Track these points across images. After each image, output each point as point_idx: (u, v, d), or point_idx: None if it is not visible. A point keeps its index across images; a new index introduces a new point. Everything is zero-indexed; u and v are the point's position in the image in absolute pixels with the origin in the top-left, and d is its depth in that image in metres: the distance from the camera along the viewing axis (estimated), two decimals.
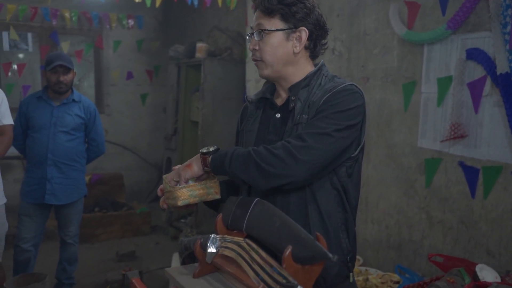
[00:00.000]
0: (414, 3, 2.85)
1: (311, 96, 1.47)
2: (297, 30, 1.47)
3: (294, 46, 1.49)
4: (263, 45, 1.49)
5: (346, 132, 1.37)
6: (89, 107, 3.40)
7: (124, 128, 6.34)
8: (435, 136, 2.78)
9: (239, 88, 4.50)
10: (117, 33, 6.11)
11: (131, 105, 6.37)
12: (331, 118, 1.36)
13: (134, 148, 6.46)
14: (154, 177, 6.55)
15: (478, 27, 2.51)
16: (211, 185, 1.44)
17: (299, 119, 1.44)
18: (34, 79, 6.19)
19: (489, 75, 2.43)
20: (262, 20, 1.48)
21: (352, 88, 1.43)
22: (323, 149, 1.33)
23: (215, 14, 5.33)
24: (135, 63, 6.32)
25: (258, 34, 1.49)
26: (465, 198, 2.62)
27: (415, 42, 2.85)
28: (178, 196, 1.42)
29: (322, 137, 1.33)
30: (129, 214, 5.07)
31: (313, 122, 1.37)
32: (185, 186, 1.44)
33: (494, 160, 2.46)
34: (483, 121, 2.50)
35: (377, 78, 3.15)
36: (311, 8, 1.48)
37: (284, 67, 1.51)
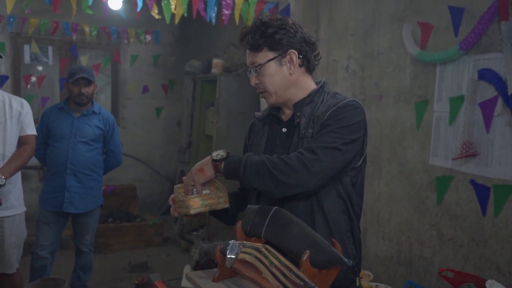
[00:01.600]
0: (427, 24, 2.92)
1: (315, 112, 1.57)
2: (287, 54, 1.58)
3: (289, 68, 1.60)
4: (261, 77, 1.60)
5: (351, 146, 1.47)
6: (108, 118, 3.50)
7: (138, 141, 6.44)
8: (446, 154, 2.83)
9: (253, 103, 4.58)
10: (135, 48, 6.25)
11: (146, 118, 6.47)
12: (337, 133, 1.45)
13: (147, 160, 6.54)
14: (166, 189, 6.61)
15: (490, 48, 2.57)
16: (220, 195, 1.52)
17: (305, 134, 1.55)
18: (53, 91, 6.33)
19: (501, 95, 2.49)
20: (253, 57, 1.60)
21: (354, 104, 1.53)
22: (332, 162, 1.43)
23: (231, 31, 5.44)
24: (151, 77, 6.43)
25: (255, 70, 1.60)
26: (476, 216, 2.65)
27: (428, 62, 2.92)
28: (191, 205, 1.48)
29: (331, 150, 1.43)
30: (141, 226, 5.14)
31: (321, 137, 1.47)
32: (196, 196, 1.51)
33: (505, 179, 2.50)
34: (494, 140, 2.55)
35: (390, 96, 3.22)
36: (293, 31, 1.59)
37: (286, 90, 1.62)
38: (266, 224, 1.26)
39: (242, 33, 1.62)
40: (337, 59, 3.67)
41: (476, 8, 2.62)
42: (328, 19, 3.74)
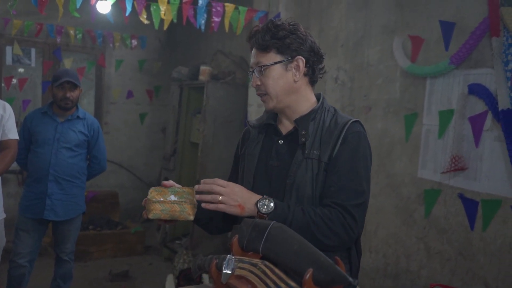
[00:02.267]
0: (418, 37, 2.93)
1: (318, 131, 1.56)
2: (294, 60, 1.56)
3: (294, 75, 1.58)
4: (264, 79, 1.57)
5: (369, 180, 1.56)
6: (93, 124, 3.42)
7: (121, 147, 6.35)
8: (435, 167, 2.83)
9: (241, 112, 4.55)
10: (120, 52, 6.17)
11: (129, 123, 6.40)
12: (360, 176, 1.51)
13: (130, 166, 6.46)
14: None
15: (481, 63, 2.59)
16: (185, 206, 1.45)
17: (310, 154, 1.53)
18: (35, 94, 6.20)
19: (490, 110, 2.50)
20: (259, 57, 1.57)
21: (362, 131, 1.57)
22: (364, 215, 1.51)
23: (219, 38, 5.42)
24: (135, 82, 6.36)
25: (259, 70, 1.57)
26: (464, 230, 2.65)
27: (418, 75, 2.93)
28: (150, 209, 1.45)
29: (363, 205, 1.50)
30: (123, 233, 5.04)
31: (349, 184, 1.48)
32: (158, 200, 1.46)
33: (493, 194, 2.50)
34: (483, 155, 2.56)
35: (379, 108, 3.22)
36: (304, 38, 1.57)
37: (288, 96, 1.59)
38: (264, 239, 1.22)
39: (252, 32, 1.59)
40: (327, 69, 3.59)
41: (467, 23, 2.65)
42: (319, 30, 3.74)
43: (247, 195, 1.45)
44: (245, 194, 1.46)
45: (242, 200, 1.44)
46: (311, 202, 1.51)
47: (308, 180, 1.51)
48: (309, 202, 1.50)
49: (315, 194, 1.51)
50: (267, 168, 1.61)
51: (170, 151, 5.11)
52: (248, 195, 1.46)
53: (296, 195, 1.51)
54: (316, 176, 1.51)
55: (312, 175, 1.51)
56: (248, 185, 1.62)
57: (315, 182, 1.51)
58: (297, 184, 1.51)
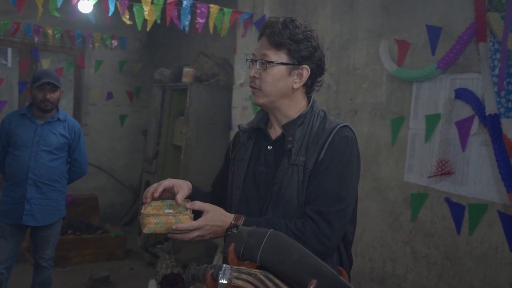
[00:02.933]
0: (404, 41, 2.94)
1: (306, 136, 1.53)
2: (300, 67, 1.53)
3: (294, 81, 1.54)
4: (264, 75, 1.53)
5: (356, 186, 1.51)
6: (74, 126, 3.34)
7: (101, 149, 6.26)
8: (421, 171, 2.84)
9: (224, 114, 4.51)
10: (100, 53, 6.08)
11: (109, 125, 6.31)
12: (343, 181, 1.46)
13: (110, 169, 6.37)
14: (128, 199, 6.44)
15: (467, 68, 2.60)
16: (180, 218, 1.41)
17: (296, 161, 1.50)
18: (12, 95, 6.06)
19: (477, 115, 2.52)
20: (267, 50, 1.52)
21: (350, 136, 1.52)
22: (344, 222, 1.46)
23: (202, 39, 5.37)
24: (116, 83, 6.28)
25: (262, 63, 1.52)
26: (450, 234, 2.66)
27: (404, 79, 2.93)
28: (144, 224, 1.41)
29: (343, 212, 1.45)
30: (103, 238, 4.94)
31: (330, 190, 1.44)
32: (152, 214, 1.42)
33: (480, 198, 2.52)
34: (470, 159, 2.57)
35: (365, 112, 3.21)
36: (316, 47, 1.54)
37: (281, 99, 1.56)
38: (262, 248, 1.18)
39: (270, 21, 1.54)
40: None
41: (454, 28, 2.66)
42: None
43: (218, 228, 1.45)
44: (216, 228, 1.44)
45: (215, 234, 1.45)
46: (297, 209, 1.49)
47: (294, 188, 1.49)
48: (295, 210, 1.48)
49: (301, 201, 1.49)
50: (256, 174, 1.60)
51: (152, 154, 5.03)
52: (219, 228, 1.44)
53: (282, 202, 1.50)
54: (302, 183, 1.49)
55: (297, 182, 1.49)
56: (238, 190, 1.61)
57: (301, 189, 1.49)
58: (283, 191, 1.50)
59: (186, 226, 1.40)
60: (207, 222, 1.42)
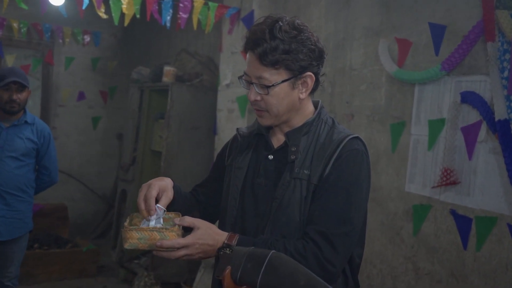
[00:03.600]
0: (405, 40, 2.93)
1: (311, 147, 1.48)
2: (303, 76, 1.46)
3: (300, 92, 1.49)
4: (268, 98, 1.46)
5: (364, 206, 1.48)
6: (43, 130, 3.25)
7: (71, 154, 6.16)
8: (424, 181, 2.82)
9: (209, 117, 4.47)
10: (70, 49, 5.98)
11: (80, 128, 6.24)
12: (350, 200, 1.41)
13: (81, 176, 6.27)
14: (101, 209, 6.34)
15: (474, 70, 2.59)
16: (167, 234, 1.36)
17: (299, 174, 1.45)
18: None
19: (485, 121, 2.51)
20: (262, 71, 1.43)
21: (360, 149, 1.47)
22: (349, 247, 1.42)
23: (183, 36, 5.31)
24: (88, 83, 6.21)
25: (261, 88, 1.45)
26: (456, 249, 2.64)
27: (405, 81, 2.91)
28: (127, 238, 1.37)
29: (349, 234, 1.40)
30: (73, 252, 4.83)
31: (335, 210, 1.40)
32: (136, 227, 1.38)
33: (488, 210, 2.50)
34: (477, 168, 2.56)
35: (363, 116, 3.19)
36: (314, 49, 1.45)
37: (288, 113, 1.51)
38: (263, 272, 1.13)
39: (253, 36, 1.42)
40: None
41: (459, 26, 2.65)
42: None
43: (209, 248, 1.38)
44: (207, 247, 1.38)
45: (205, 254, 1.39)
46: (299, 228, 1.44)
47: (296, 204, 1.44)
48: (296, 228, 1.44)
49: (303, 219, 1.44)
50: (254, 186, 1.54)
51: (128, 160, 4.95)
52: (209, 247, 1.38)
53: (282, 220, 1.45)
54: (305, 199, 1.44)
55: (300, 197, 1.44)
56: (234, 201, 1.56)
57: (303, 206, 1.44)
58: (284, 208, 1.45)
59: (171, 244, 1.34)
60: (197, 240, 1.36)
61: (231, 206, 1.57)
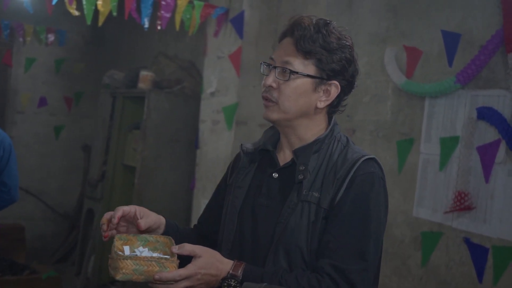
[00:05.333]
0: (415, 49, 2.93)
1: (322, 167, 1.47)
2: (328, 83, 1.48)
3: (319, 99, 1.50)
4: (284, 86, 1.47)
5: (382, 237, 1.48)
6: (3, 141, 3.21)
7: (29, 167, 6.00)
8: (435, 205, 2.81)
9: (190, 129, 4.44)
10: (32, 49, 5.88)
11: (41, 138, 6.17)
12: (368, 233, 1.41)
13: (40, 192, 6.18)
14: (62, 230, 6.25)
15: (492, 83, 2.60)
16: (167, 265, 1.35)
17: (308, 197, 1.44)
18: None
19: (504, 140, 2.50)
20: (292, 57, 1.47)
21: (377, 173, 1.48)
22: (369, 283, 1.44)
23: (161, 38, 5.27)
24: (50, 87, 6.16)
25: (283, 72, 1.47)
26: (470, 282, 2.62)
27: (414, 94, 2.91)
28: (119, 268, 1.33)
29: (367, 270, 1.41)
30: (31, 280, 4.71)
31: (352, 243, 1.40)
32: (132, 256, 1.36)
33: (507, 239, 2.50)
34: (494, 192, 2.55)
35: (366, 132, 3.18)
36: (351, 61, 1.50)
37: (299, 118, 1.51)
38: None
39: (301, 22, 1.47)
40: None
41: (476, 35, 2.66)
42: None
43: (212, 278, 1.38)
44: (209, 277, 1.37)
45: (207, 285, 1.38)
46: (304, 257, 1.43)
47: (303, 230, 1.43)
48: (302, 258, 1.43)
49: (310, 248, 1.42)
50: (255, 207, 1.53)
51: (96, 176, 4.88)
52: (213, 278, 1.37)
53: (286, 248, 1.43)
54: (313, 225, 1.43)
55: (308, 223, 1.43)
56: (231, 224, 1.55)
57: (311, 232, 1.43)
58: (289, 233, 1.43)
59: (172, 276, 1.31)
60: (199, 270, 1.35)
61: (228, 230, 1.55)
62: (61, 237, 6.15)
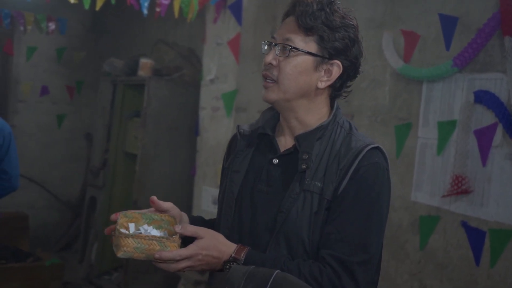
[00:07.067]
0: (412, 33, 2.92)
1: (325, 155, 1.44)
2: (330, 62, 1.44)
3: (321, 79, 1.46)
4: (284, 64, 1.44)
5: (384, 229, 1.46)
6: (2, 129, 3.19)
7: (32, 156, 6.04)
8: (432, 189, 2.81)
9: (190, 116, 4.44)
10: (33, 38, 5.86)
11: (43, 127, 6.15)
12: (370, 224, 1.39)
13: (43, 181, 6.18)
14: (65, 218, 6.27)
15: (489, 67, 2.59)
16: (168, 244, 1.36)
17: (310, 186, 1.42)
18: None
19: (501, 123, 2.50)
20: (293, 34, 1.44)
21: (381, 163, 1.44)
22: (372, 275, 1.41)
23: (160, 25, 5.26)
24: (52, 76, 6.13)
25: (283, 49, 1.44)
26: (467, 265, 2.63)
27: (412, 78, 2.90)
28: (121, 245, 1.35)
29: (370, 262, 1.38)
30: (35, 267, 4.72)
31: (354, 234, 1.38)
32: (133, 234, 1.37)
33: (503, 222, 2.50)
34: (491, 175, 2.56)
35: (364, 117, 3.18)
36: (354, 40, 1.46)
37: (299, 99, 1.47)
38: None
39: (302, 1, 1.44)
40: None
41: (473, 18, 2.65)
42: None
43: (214, 260, 1.38)
44: (211, 259, 1.38)
45: (208, 266, 1.40)
46: (305, 248, 1.41)
47: (305, 221, 1.41)
48: (303, 249, 1.41)
49: (312, 238, 1.41)
50: (254, 192, 1.50)
51: (98, 164, 4.91)
52: (214, 260, 1.38)
53: (287, 238, 1.42)
54: (315, 216, 1.40)
55: (310, 213, 1.40)
56: (229, 210, 1.52)
57: (313, 223, 1.40)
58: (291, 224, 1.41)
59: (173, 256, 1.32)
60: (200, 251, 1.35)
61: (225, 216, 1.53)
62: (64, 225, 6.18)
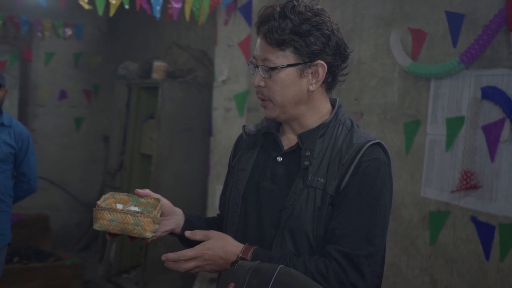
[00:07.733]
0: (420, 31, 2.92)
1: (327, 152, 1.46)
2: (313, 64, 1.44)
3: (310, 83, 1.46)
4: (271, 83, 1.46)
5: (387, 223, 1.47)
6: (21, 133, 3.25)
7: (52, 159, 6.16)
8: (442, 185, 2.81)
9: (203, 117, 4.46)
10: (51, 44, 5.98)
11: (62, 130, 6.25)
12: (374, 218, 1.40)
13: (63, 183, 6.28)
14: (85, 219, 6.32)
15: (496, 63, 2.58)
16: (141, 219, 1.39)
17: (313, 182, 1.43)
18: None
19: (508, 118, 2.50)
20: (269, 53, 1.44)
21: (382, 158, 1.45)
22: (377, 268, 1.42)
23: (173, 28, 5.31)
24: (70, 80, 6.22)
25: (265, 71, 1.45)
26: (477, 259, 2.63)
27: (420, 75, 2.90)
28: (97, 218, 1.39)
29: (374, 256, 1.40)
30: (56, 266, 4.80)
31: (358, 229, 1.39)
32: (108, 208, 1.40)
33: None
34: (500, 170, 2.55)
35: (373, 115, 3.18)
36: (330, 35, 1.44)
37: (297, 107, 1.48)
38: None
39: (263, 15, 1.43)
40: None
41: (480, 15, 2.64)
42: None
43: (221, 260, 1.41)
44: (218, 259, 1.41)
45: (217, 267, 1.42)
46: (310, 243, 1.43)
47: (309, 216, 1.42)
48: (308, 245, 1.43)
49: (316, 234, 1.42)
50: (259, 190, 1.53)
51: (115, 165, 4.96)
52: (221, 260, 1.41)
53: (292, 233, 1.43)
54: (319, 211, 1.42)
55: (313, 209, 1.42)
56: (235, 207, 1.55)
57: (317, 218, 1.42)
58: (295, 219, 1.43)
59: (177, 256, 1.37)
60: (206, 251, 1.39)
61: (232, 213, 1.55)
62: (84, 226, 6.25)
